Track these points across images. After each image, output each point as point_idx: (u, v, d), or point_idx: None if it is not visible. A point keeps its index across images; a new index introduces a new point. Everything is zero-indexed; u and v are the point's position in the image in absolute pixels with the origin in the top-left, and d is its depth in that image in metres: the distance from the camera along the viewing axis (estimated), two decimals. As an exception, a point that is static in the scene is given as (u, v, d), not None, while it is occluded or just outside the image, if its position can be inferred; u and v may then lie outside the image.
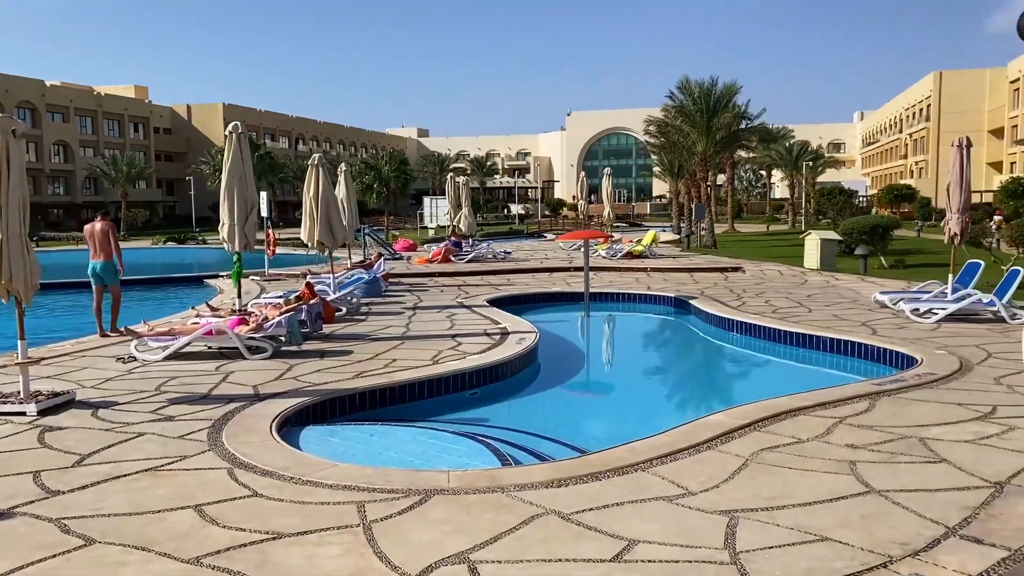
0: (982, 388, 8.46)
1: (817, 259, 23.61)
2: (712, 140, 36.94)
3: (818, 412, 7.62)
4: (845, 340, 11.48)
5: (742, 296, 16.84)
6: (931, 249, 33.07)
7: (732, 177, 60.81)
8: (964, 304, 13.02)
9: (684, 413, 9.33)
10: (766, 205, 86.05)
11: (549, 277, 22.03)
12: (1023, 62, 72.18)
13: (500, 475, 6.10)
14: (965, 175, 13.47)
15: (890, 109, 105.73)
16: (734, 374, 12.68)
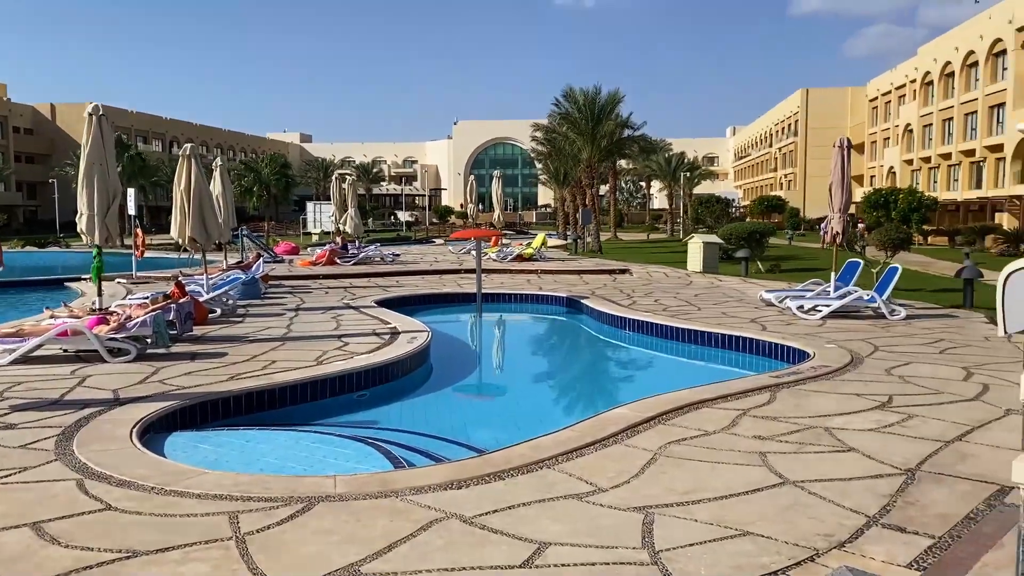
0: (875, 379, 8.50)
1: (700, 262, 24.03)
2: (597, 147, 37.34)
3: (721, 404, 7.41)
4: (738, 336, 11.47)
5: (632, 296, 16.81)
6: (802, 255, 34.45)
7: (615, 187, 62.07)
8: (847, 301, 13.32)
9: (585, 410, 9.00)
10: (646, 215, 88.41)
11: (439, 279, 21.48)
12: (880, 82, 76.85)
13: (393, 478, 5.54)
14: (846, 175, 13.82)
15: (760, 124, 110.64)
16: (631, 370, 12.51)
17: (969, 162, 56.42)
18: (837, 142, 14.03)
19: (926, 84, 63.89)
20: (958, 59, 57.31)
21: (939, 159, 61.17)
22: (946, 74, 60.14)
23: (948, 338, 11.19)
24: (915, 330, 11.97)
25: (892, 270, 13.55)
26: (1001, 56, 51.55)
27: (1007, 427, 6.59)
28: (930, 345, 10.62)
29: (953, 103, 58.34)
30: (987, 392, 7.83)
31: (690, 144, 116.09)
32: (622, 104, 37.79)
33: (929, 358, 9.70)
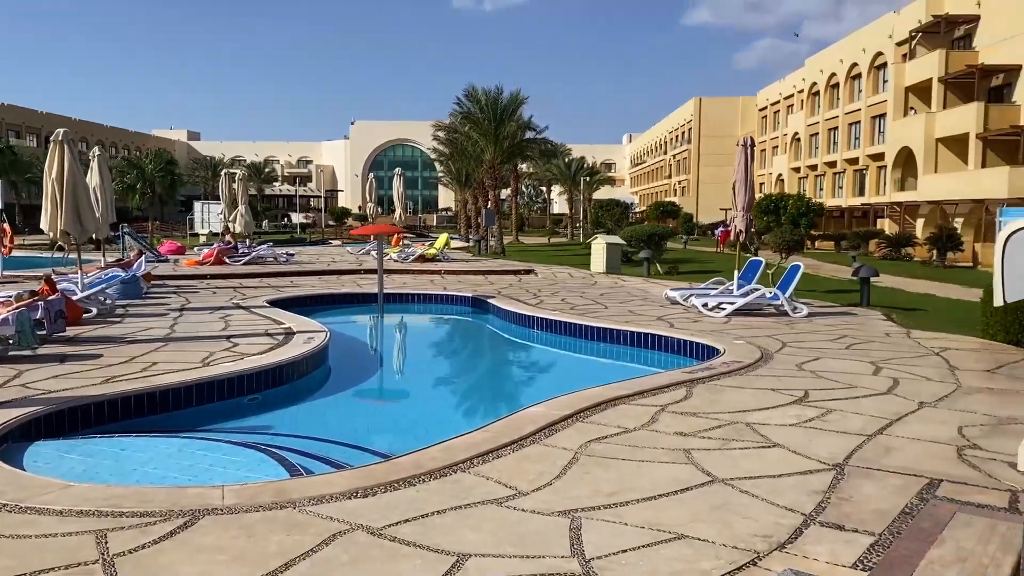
0: (788, 374, 8.41)
1: (603, 263, 24.04)
2: (500, 148, 37.10)
3: (639, 401, 7.13)
4: (648, 333, 11.30)
5: (539, 295, 16.53)
6: (698, 258, 35.23)
7: (516, 190, 62.05)
8: (751, 299, 13.39)
9: (497, 410, 8.55)
10: (546, 219, 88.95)
11: (338, 279, 20.66)
12: (769, 92, 79.79)
13: (290, 487, 4.96)
14: (750, 174, 13.91)
15: (656, 132, 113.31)
16: (542, 369, 12.15)
17: (853, 170, 59.08)
18: (741, 141, 14.11)
19: (813, 94, 66.63)
20: (843, 71, 59.99)
21: (825, 167, 63.85)
22: (831, 85, 62.85)
23: (851, 334, 11.33)
24: (818, 327, 12.10)
25: (794, 268, 13.72)
26: (882, 68, 54.22)
27: (923, 420, 6.53)
28: (835, 341, 10.70)
29: (838, 113, 61.01)
30: (898, 386, 7.82)
31: (589, 150, 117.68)
32: (524, 106, 37.70)
33: (836, 353, 9.73)
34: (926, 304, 17.32)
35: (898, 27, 51.34)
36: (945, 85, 45.07)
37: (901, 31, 50.68)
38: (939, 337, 11.16)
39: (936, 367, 8.86)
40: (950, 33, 46.75)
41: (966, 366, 8.93)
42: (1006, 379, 8.24)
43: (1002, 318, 10.58)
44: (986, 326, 10.96)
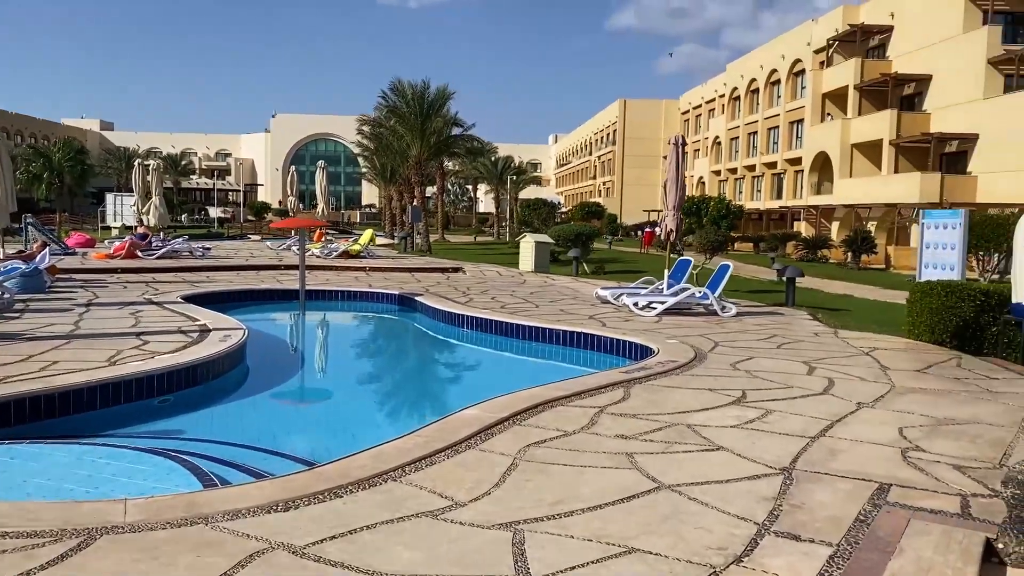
0: (724, 374, 8.28)
1: (532, 261, 23.85)
2: (427, 144, 36.56)
3: (576, 402, 6.86)
4: (581, 332, 11.07)
5: (468, 293, 16.18)
6: (623, 259, 35.49)
7: (442, 188, 61.50)
8: (682, 298, 13.33)
9: (429, 413, 8.19)
10: (472, 217, 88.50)
11: (257, 275, 19.88)
12: (692, 96, 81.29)
13: (202, 500, 4.50)
14: (681, 173, 13.86)
15: (581, 133, 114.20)
16: (474, 370, 11.75)
17: (771, 173, 60.59)
18: (672, 139, 14.06)
19: (733, 99, 68.11)
20: (762, 76, 61.46)
21: (744, 170, 65.34)
22: (751, 90, 64.34)
23: (781, 333, 11.34)
24: (747, 326, 12.09)
25: (723, 268, 13.73)
26: (801, 75, 55.71)
27: (863, 421, 6.45)
28: (766, 341, 10.67)
29: (757, 118, 62.49)
30: (834, 386, 7.76)
31: (515, 149, 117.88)
32: (451, 101, 37.24)
33: (768, 353, 9.68)
34: (847, 304, 17.67)
35: (816, 35, 52.83)
36: (860, 92, 46.56)
37: (819, 39, 52.18)
38: (866, 337, 11.27)
39: (868, 367, 8.88)
40: (865, 42, 48.34)
41: (897, 366, 8.97)
42: (936, 379, 8.28)
43: (927, 319, 10.73)
44: (912, 326, 11.11)
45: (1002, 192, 35.01)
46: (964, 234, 12.01)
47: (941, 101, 40.77)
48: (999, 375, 8.60)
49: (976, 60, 37.68)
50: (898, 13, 45.30)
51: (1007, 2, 38.43)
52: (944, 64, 40.37)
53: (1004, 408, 7.00)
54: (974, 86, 37.97)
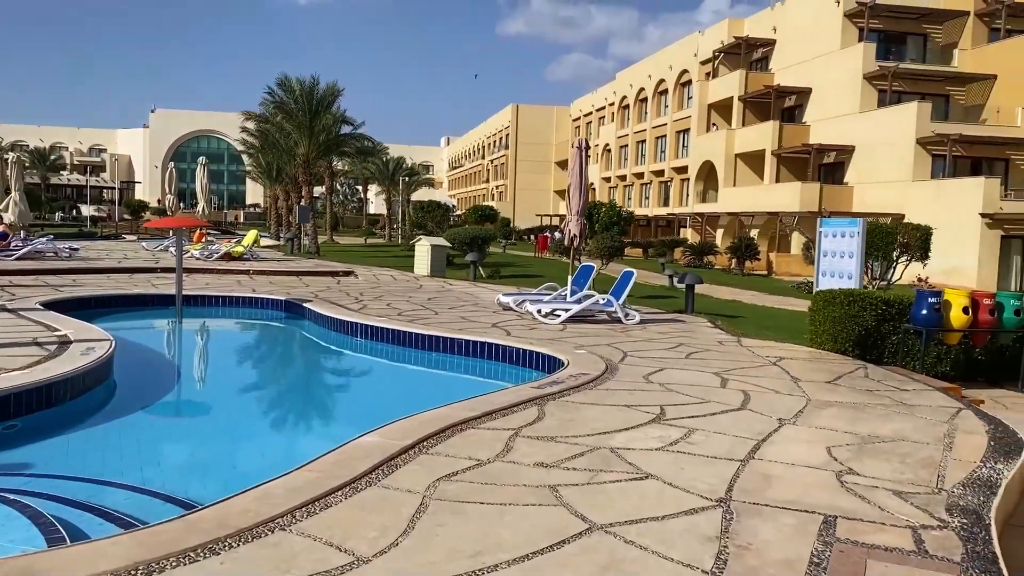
0: (639, 388, 7.87)
1: (428, 265, 23.15)
2: (316, 142, 35.21)
3: (488, 423, 6.27)
4: (486, 342, 10.48)
5: (361, 299, 15.33)
6: (518, 263, 35.25)
7: (331, 188, 59.80)
8: (586, 305, 12.96)
9: (322, 438, 7.42)
10: (362, 219, 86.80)
11: (130, 278, 18.36)
12: (583, 103, 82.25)
13: (43, 564, 3.64)
14: (584, 177, 13.51)
15: (474, 136, 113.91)
16: (371, 386, 10.82)
17: (659, 181, 61.86)
18: (576, 143, 13.69)
19: (623, 107, 69.23)
20: (651, 86, 62.70)
21: (633, 177, 66.48)
22: (640, 99, 65.55)
23: (686, 342, 11.10)
24: (652, 334, 11.82)
25: (627, 275, 13.45)
26: (687, 86, 57.08)
27: (789, 440, 6.13)
28: (674, 350, 10.39)
29: (646, 126, 63.70)
30: (750, 400, 7.47)
31: (407, 150, 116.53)
32: (341, 99, 36.03)
33: (679, 363, 9.37)
34: (739, 310, 17.81)
35: (703, 47, 54.25)
36: (744, 104, 48.03)
37: (705, 51, 53.59)
38: (769, 345, 11.16)
39: (779, 378, 8.67)
40: (749, 55, 49.92)
41: (807, 377, 8.80)
42: (849, 391, 8.13)
43: (830, 328, 10.70)
44: (814, 335, 11.07)
45: (874, 202, 36.68)
46: (862, 243, 12.12)
47: (820, 114, 42.46)
48: (908, 386, 8.54)
49: (853, 75, 39.40)
50: (780, 28, 46.99)
51: (880, 21, 40.37)
52: (823, 78, 42.07)
53: (923, 423, 6.85)
54: (850, 100, 39.69)
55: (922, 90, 38.73)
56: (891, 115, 36.60)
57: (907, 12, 40.15)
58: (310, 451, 5.58)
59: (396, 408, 7.54)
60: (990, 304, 10.26)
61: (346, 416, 8.82)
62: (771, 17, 47.94)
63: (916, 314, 10.17)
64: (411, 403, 7.69)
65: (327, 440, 6.64)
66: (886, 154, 36.56)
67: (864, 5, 39.21)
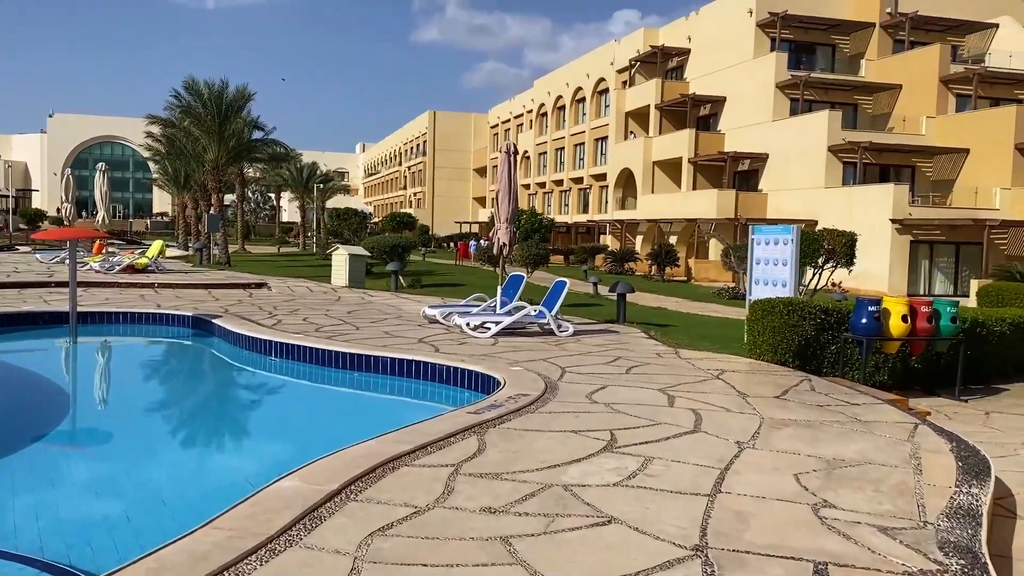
0: (583, 409, 7.30)
1: (346, 275, 22.20)
2: (225, 147, 33.69)
3: (424, 459, 5.58)
4: (415, 360, 9.75)
5: (275, 314, 14.37)
6: (439, 271, 34.57)
7: (242, 195, 57.81)
8: (518, 317, 12.37)
9: (234, 481, 6.55)
10: (275, 227, 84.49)
11: (19, 294, 16.86)
12: (500, 110, 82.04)
13: None
14: (514, 183, 12.94)
15: (390, 143, 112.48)
16: (288, 413, 9.68)
17: (578, 188, 62.04)
18: (504, 147, 13.11)
19: (541, 115, 69.28)
20: (568, 94, 62.88)
21: (553, 185, 66.55)
22: (558, 107, 65.69)
23: (624, 355, 10.63)
24: (588, 347, 11.31)
25: (559, 285, 12.93)
26: (605, 94, 57.44)
27: (753, 467, 5.65)
28: (612, 364, 9.89)
29: (564, 134, 63.85)
30: (702, 420, 6.99)
31: (321, 157, 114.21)
32: (252, 103, 34.64)
33: (620, 379, 8.86)
34: (667, 318, 17.57)
35: (619, 56, 54.67)
36: (661, 112, 48.52)
37: (622, 60, 54.00)
38: (708, 357, 10.79)
39: (725, 394, 8.25)
40: (665, 64, 50.48)
41: (753, 391, 8.41)
42: (800, 407, 7.76)
43: (769, 338, 10.39)
44: (753, 345, 10.76)
45: (788, 208, 37.40)
46: (796, 250, 11.91)
47: (734, 122, 43.16)
48: (857, 399, 8.23)
49: (765, 84, 40.17)
50: (695, 37, 47.66)
51: (791, 31, 41.31)
52: (737, 87, 42.78)
53: (884, 442, 6.49)
54: (764, 108, 40.45)
55: (832, 99, 39.77)
56: (803, 123, 37.41)
57: (816, 23, 41.20)
58: (220, 498, 4.81)
59: (318, 439, 6.81)
60: (928, 312, 10.13)
61: (262, 451, 7.86)
62: (686, 27, 48.59)
63: (856, 323, 9.95)
64: (335, 433, 6.99)
65: (240, 482, 5.85)
66: (799, 161, 37.33)
67: (776, 15, 40.05)
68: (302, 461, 5.32)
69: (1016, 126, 33.50)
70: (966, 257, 33.10)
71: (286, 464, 5.32)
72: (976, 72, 36.37)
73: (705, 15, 46.47)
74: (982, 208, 32.89)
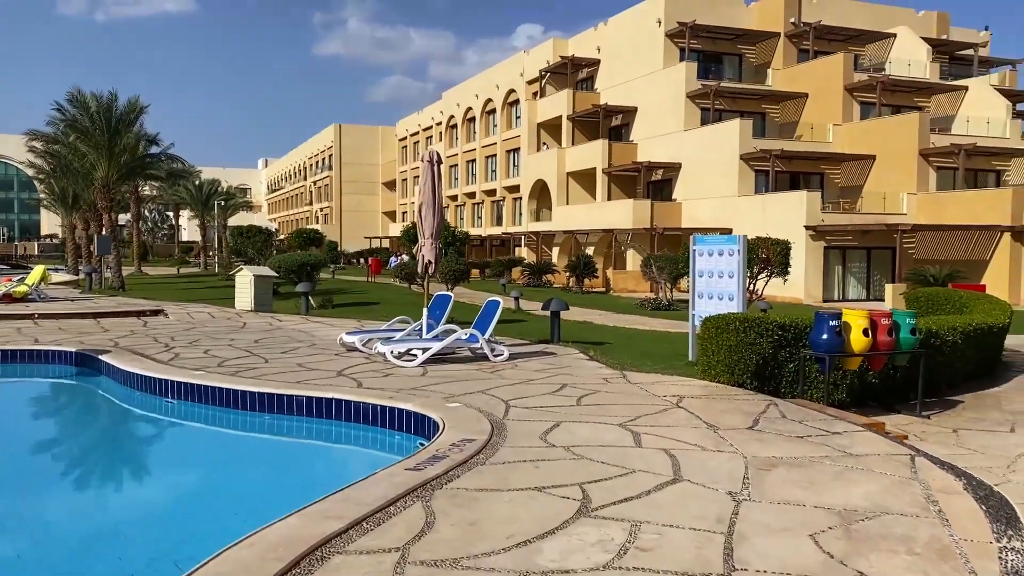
0: (541, 456, 6.27)
1: (251, 299, 20.57)
2: (116, 163, 31.37)
3: (360, 540, 4.44)
4: (336, 399, 8.51)
5: (172, 346, 12.83)
6: (351, 289, 33.15)
7: (138, 215, 54.69)
8: (449, 342, 11.24)
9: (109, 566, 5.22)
10: (175, 247, 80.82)
11: None
12: (408, 123, 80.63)
13: None
14: (438, 195, 11.85)
15: (294, 157, 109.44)
16: (188, 473, 8.08)
17: (491, 201, 61.22)
18: (426, 156, 12.00)
19: (451, 127, 68.26)
20: (478, 105, 62.08)
21: (465, 197, 65.55)
22: (468, 119, 64.81)
23: (569, 382, 9.66)
24: (528, 373, 10.30)
25: (492, 305, 11.88)
26: (515, 105, 56.86)
27: (759, 528, 4.72)
28: (559, 394, 8.90)
29: (475, 146, 62.98)
30: (680, 465, 6.06)
31: (223, 174, 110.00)
32: (145, 116, 32.39)
33: (573, 414, 7.87)
34: (599, 334, 16.74)
35: (528, 66, 54.21)
36: (573, 123, 48.19)
37: (531, 70, 53.55)
38: (660, 380, 9.94)
39: (692, 426, 7.36)
40: (575, 74, 50.24)
41: (723, 423, 7.55)
42: (778, 439, 6.93)
43: (725, 357, 9.60)
44: (706, 366, 9.95)
45: (702, 217, 37.45)
46: (742, 261, 11.21)
47: (647, 131, 43.13)
48: (834, 426, 7.47)
49: (676, 93, 40.24)
50: (604, 47, 47.57)
51: (700, 41, 41.56)
52: (648, 97, 42.77)
53: (889, 482, 5.69)
54: (675, 118, 40.50)
55: (741, 108, 40.13)
56: (715, 132, 37.55)
57: (724, 33, 41.58)
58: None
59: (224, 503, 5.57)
60: (888, 324, 9.53)
61: (152, 522, 6.39)
62: (595, 37, 48.47)
63: (816, 339, 9.25)
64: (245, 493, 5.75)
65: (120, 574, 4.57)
66: (711, 170, 37.43)
67: (685, 25, 40.20)
68: (202, 534, 4.13)
69: (920, 132, 34.37)
70: (877, 262, 33.67)
71: (181, 542, 4.11)
72: (880, 80, 37.26)
73: (614, 25, 46.42)
74: (891, 213, 33.55)
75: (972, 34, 46.27)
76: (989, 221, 30.72)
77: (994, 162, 37.71)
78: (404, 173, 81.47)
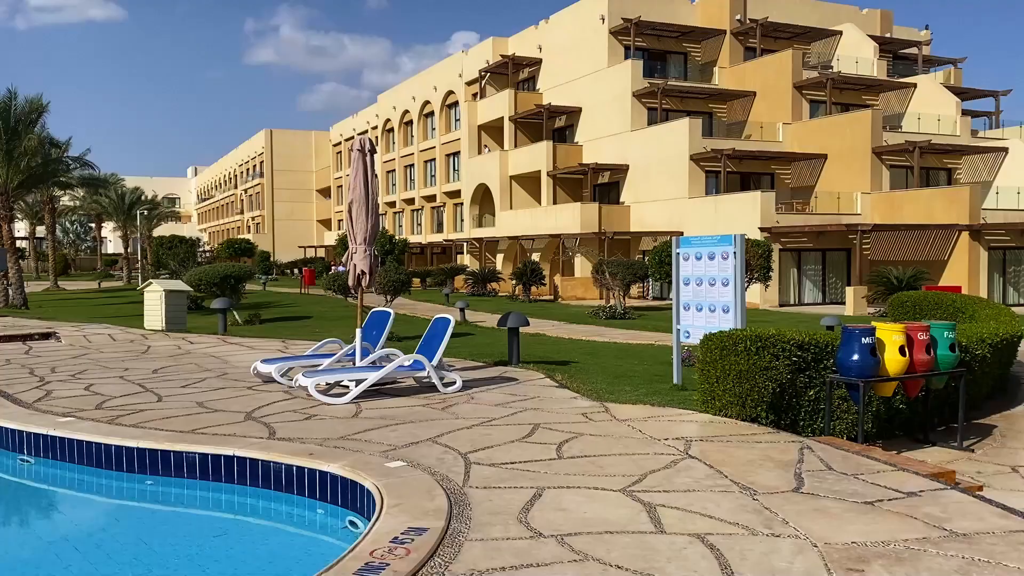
0: (527, 560, 4.29)
1: (162, 317, 18.11)
2: (16, 168, 28.43)
3: None
4: (235, 457, 6.36)
5: (49, 380, 10.47)
6: (282, 301, 30.83)
7: (54, 226, 51.07)
8: (387, 371, 9.11)
9: None
10: (98, 260, 76.56)
11: None
12: (343, 127, 77.86)
13: None
14: (372, 192, 9.78)
15: (224, 165, 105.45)
16: (30, 564, 5.88)
17: (431, 207, 59.03)
18: (357, 144, 9.94)
19: (387, 131, 65.85)
20: (415, 108, 59.87)
21: (403, 204, 63.20)
22: (405, 122, 62.54)
23: (541, 421, 7.70)
24: (487, 409, 8.31)
25: (441, 323, 9.81)
26: (454, 107, 54.82)
27: None
28: (531, 440, 6.92)
29: (413, 150, 60.73)
30: (730, 565, 4.15)
31: (148, 183, 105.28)
32: (47, 114, 29.49)
33: (556, 473, 5.91)
34: (559, 350, 14.83)
35: (467, 67, 52.30)
36: (516, 124, 46.41)
37: (471, 71, 51.65)
38: (652, 415, 8.05)
39: (720, 490, 5.48)
40: (517, 74, 48.50)
41: (759, 483, 5.67)
42: (843, 506, 5.08)
43: (734, 387, 7.76)
44: (711, 396, 8.09)
45: (653, 220, 36.00)
46: (740, 265, 9.42)
47: (592, 133, 41.58)
48: (907, 484, 5.66)
49: (622, 93, 38.77)
50: (546, 46, 45.93)
51: (644, 39, 40.20)
52: (592, 96, 41.24)
53: None
54: (621, 118, 39.02)
55: (688, 107, 38.88)
56: (663, 132, 36.16)
57: (669, 30, 40.31)
58: None
59: None
60: (926, 339, 7.83)
61: None
62: (536, 36, 46.81)
63: (846, 360, 7.49)
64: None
65: None
66: (661, 172, 36.02)
67: (629, 22, 38.79)
68: None
69: (872, 130, 33.49)
70: (832, 264, 32.64)
71: None
72: (829, 78, 36.38)
73: (556, 23, 44.82)
74: (845, 213, 32.54)
75: (914, 33, 46.02)
76: (946, 220, 29.87)
77: (945, 160, 37.16)
78: (339, 179, 78.63)
